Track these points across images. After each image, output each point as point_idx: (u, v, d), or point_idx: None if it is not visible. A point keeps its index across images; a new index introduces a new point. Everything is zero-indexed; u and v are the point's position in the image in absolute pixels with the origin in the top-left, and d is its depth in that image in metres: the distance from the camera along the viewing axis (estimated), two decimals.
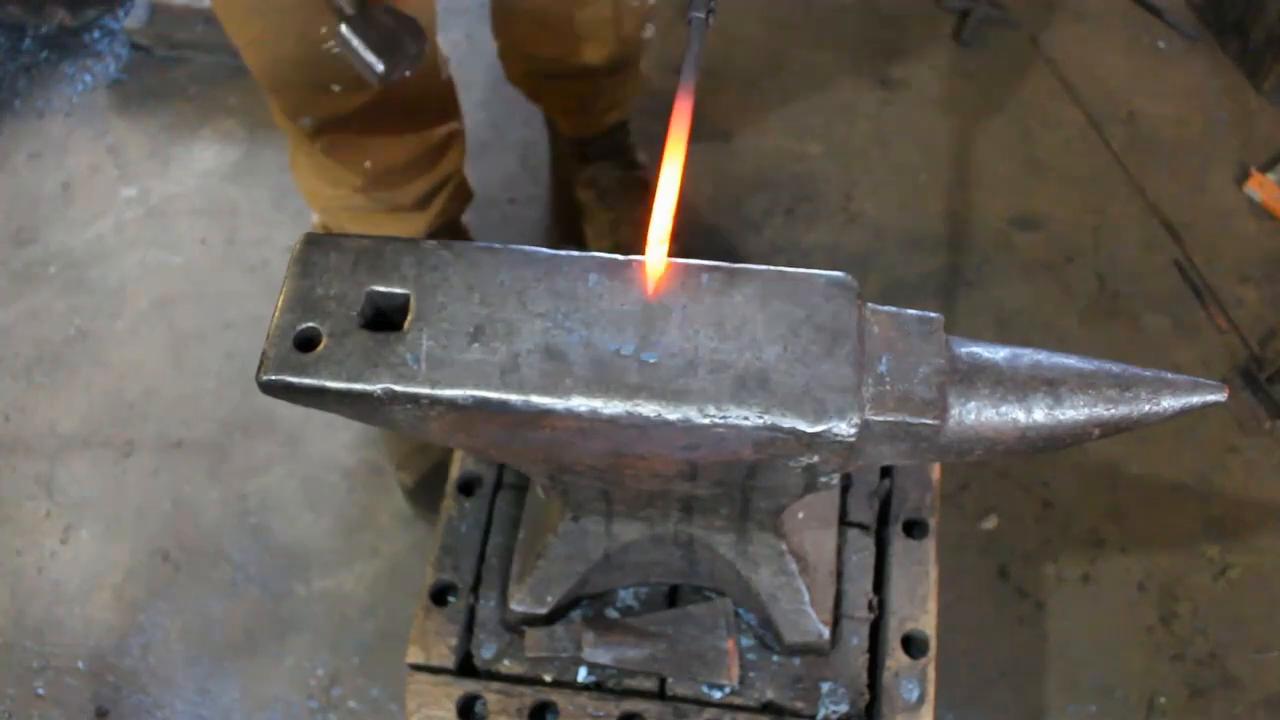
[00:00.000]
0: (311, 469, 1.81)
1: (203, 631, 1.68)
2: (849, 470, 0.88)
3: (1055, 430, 0.82)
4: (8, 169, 2.18)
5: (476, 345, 0.78)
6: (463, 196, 1.76)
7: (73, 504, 1.79)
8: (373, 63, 1.08)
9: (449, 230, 1.76)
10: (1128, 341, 1.89)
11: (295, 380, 0.77)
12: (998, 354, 0.84)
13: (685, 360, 0.77)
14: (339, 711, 1.61)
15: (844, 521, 1.21)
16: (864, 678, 1.14)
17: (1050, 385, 0.82)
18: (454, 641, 1.16)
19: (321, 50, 1.27)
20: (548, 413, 0.76)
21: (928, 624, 1.16)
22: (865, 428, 0.78)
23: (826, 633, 1.11)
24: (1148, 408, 0.83)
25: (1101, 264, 1.98)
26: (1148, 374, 0.84)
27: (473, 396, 0.76)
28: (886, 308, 0.83)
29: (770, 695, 1.13)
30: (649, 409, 0.76)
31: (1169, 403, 0.83)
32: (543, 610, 1.12)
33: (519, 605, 1.12)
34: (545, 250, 0.83)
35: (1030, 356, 0.84)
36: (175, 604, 1.70)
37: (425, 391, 0.76)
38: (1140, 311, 1.93)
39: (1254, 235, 2.01)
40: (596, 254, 0.83)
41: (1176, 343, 1.89)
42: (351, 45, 1.08)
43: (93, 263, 2.05)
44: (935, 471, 1.25)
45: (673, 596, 1.19)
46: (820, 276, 0.82)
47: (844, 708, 1.12)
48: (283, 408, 1.81)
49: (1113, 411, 0.82)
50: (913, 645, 1.16)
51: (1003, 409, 0.81)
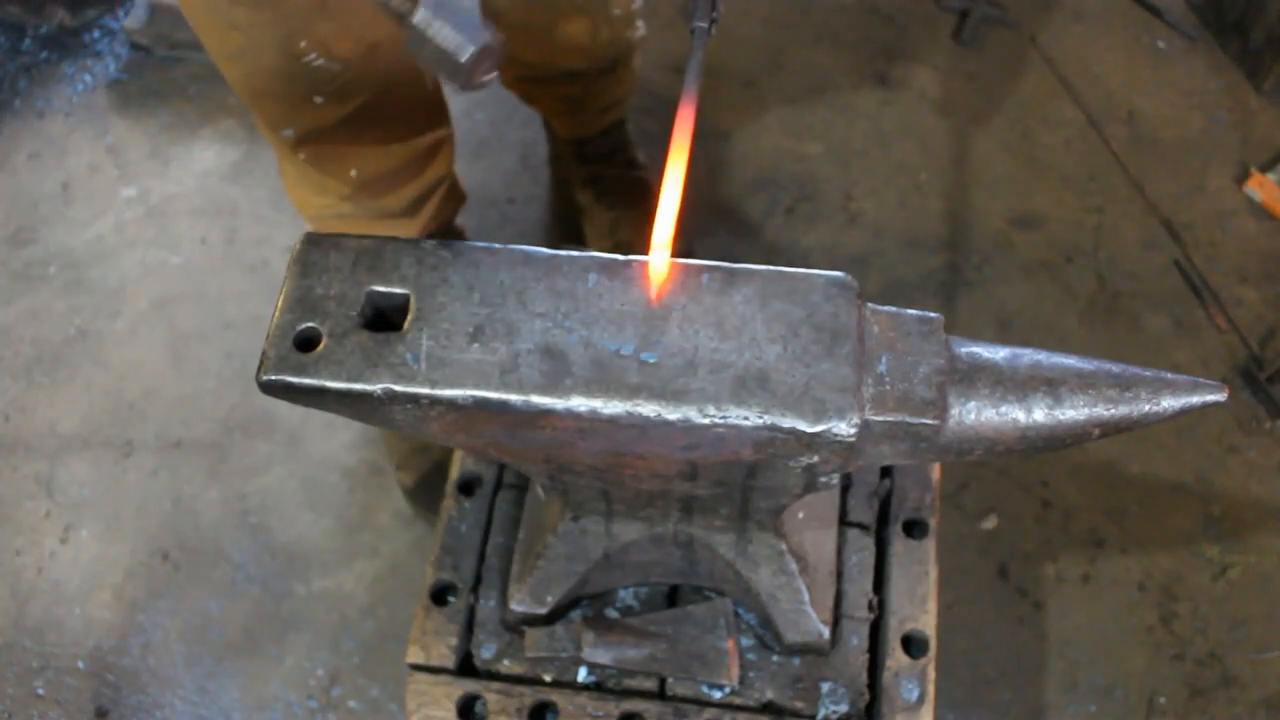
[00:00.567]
0: (311, 469, 1.81)
1: (202, 631, 1.68)
2: (849, 470, 0.88)
3: (1055, 430, 0.82)
4: (8, 169, 2.18)
5: (476, 345, 0.78)
6: (455, 200, 1.74)
7: (72, 504, 1.79)
8: (457, 47, 0.82)
9: (444, 234, 1.74)
10: (1128, 341, 1.89)
11: (295, 380, 0.77)
12: (998, 354, 0.84)
13: (685, 360, 0.77)
14: (339, 711, 1.61)
15: (844, 521, 1.21)
16: (864, 678, 1.14)
17: (1050, 385, 0.82)
18: (454, 641, 1.16)
19: (301, 63, 1.26)
20: (548, 413, 0.76)
21: (928, 624, 1.16)
22: (865, 428, 0.78)
23: (826, 633, 1.11)
24: (1148, 408, 0.83)
25: (1101, 264, 1.98)
26: (1148, 374, 0.84)
27: (473, 396, 0.76)
28: (886, 308, 0.83)
29: (770, 695, 1.13)
30: (649, 409, 0.76)
31: (1169, 403, 0.83)
32: (543, 610, 1.12)
33: (519, 605, 1.12)
34: (545, 250, 0.83)
35: (1030, 356, 0.84)
36: (175, 604, 1.70)
37: (425, 391, 0.76)
38: (1140, 311, 1.92)
39: (1254, 235, 2.01)
40: (596, 254, 0.83)
41: (1176, 343, 1.89)
42: (427, 35, 0.85)
43: (93, 263, 2.04)
44: (935, 471, 1.25)
45: (673, 596, 1.19)
46: (820, 276, 0.82)
47: (844, 708, 1.12)
48: (282, 407, 1.81)
49: (1113, 411, 0.82)
50: (913, 645, 1.16)
51: (1003, 409, 0.81)
